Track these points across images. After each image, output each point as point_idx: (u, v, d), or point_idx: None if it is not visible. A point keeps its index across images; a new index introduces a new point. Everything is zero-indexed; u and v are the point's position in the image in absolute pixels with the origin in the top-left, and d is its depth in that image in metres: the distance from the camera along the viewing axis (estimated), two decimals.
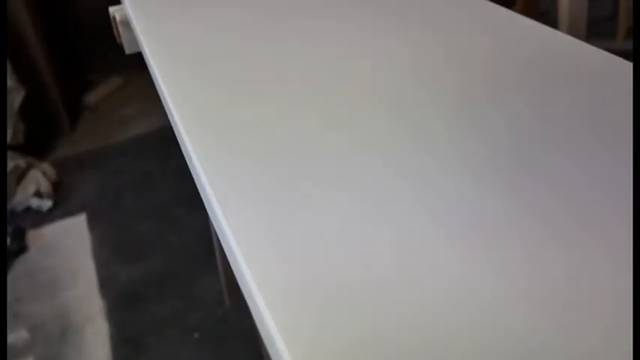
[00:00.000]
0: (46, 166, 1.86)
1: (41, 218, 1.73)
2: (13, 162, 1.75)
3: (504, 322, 0.22)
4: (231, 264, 0.28)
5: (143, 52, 0.55)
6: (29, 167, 1.80)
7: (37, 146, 1.97)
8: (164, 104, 0.45)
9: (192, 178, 0.37)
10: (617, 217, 0.28)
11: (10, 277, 1.53)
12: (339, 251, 0.26)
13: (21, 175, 1.78)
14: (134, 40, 0.66)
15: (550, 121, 0.36)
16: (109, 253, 1.61)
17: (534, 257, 0.26)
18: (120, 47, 0.74)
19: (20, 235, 1.65)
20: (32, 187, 1.75)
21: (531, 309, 0.23)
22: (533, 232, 0.27)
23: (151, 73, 0.52)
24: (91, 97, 2.28)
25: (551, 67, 0.43)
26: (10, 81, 1.80)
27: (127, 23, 0.65)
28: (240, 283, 0.27)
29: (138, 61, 0.80)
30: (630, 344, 0.21)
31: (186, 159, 0.37)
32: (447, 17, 0.54)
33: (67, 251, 1.62)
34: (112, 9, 0.66)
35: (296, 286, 0.24)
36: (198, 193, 0.35)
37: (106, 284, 1.49)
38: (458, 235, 0.27)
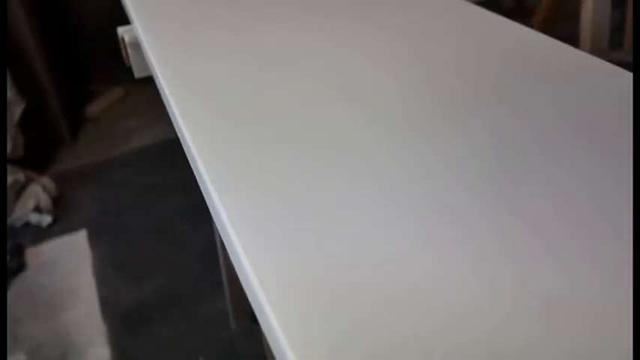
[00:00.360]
0: (45, 180, 1.82)
1: (40, 234, 1.68)
2: (13, 176, 1.70)
3: (490, 318, 0.23)
4: (240, 279, 0.27)
5: (156, 79, 0.51)
6: (28, 181, 1.76)
7: (36, 159, 1.93)
8: (178, 131, 0.41)
9: (195, 193, 0.38)
10: (602, 217, 0.28)
11: (9, 296, 1.48)
12: (343, 253, 0.26)
13: (20, 189, 1.73)
14: (144, 64, 0.62)
15: (529, 120, 0.37)
16: (111, 271, 1.56)
17: (519, 256, 0.26)
18: (121, 58, 0.70)
19: (19, 252, 1.60)
20: (31, 202, 1.71)
21: (515, 307, 0.23)
22: (518, 232, 0.27)
23: (164, 99, 0.48)
24: (93, 109, 2.23)
25: (530, 66, 0.44)
26: (10, 93, 1.76)
27: (136, 45, 0.61)
28: (248, 295, 0.26)
29: None
30: (617, 342, 0.21)
31: (195, 173, 0.37)
32: (429, 18, 0.54)
33: (67, 269, 1.57)
34: (120, 30, 0.62)
35: (301, 288, 0.24)
36: (202, 208, 0.35)
37: (107, 305, 1.45)
38: (442, 234, 0.27)
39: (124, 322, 1.40)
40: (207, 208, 0.32)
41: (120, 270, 1.57)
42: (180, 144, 0.41)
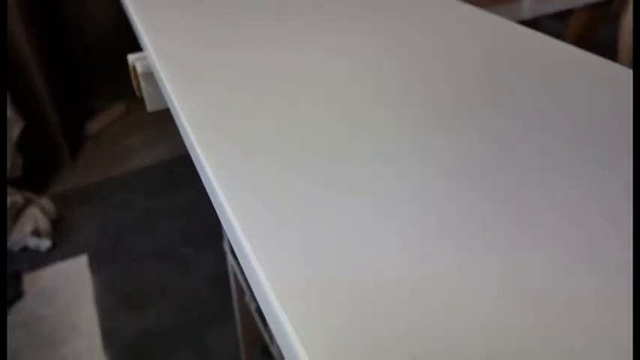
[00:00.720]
0: (44, 201, 1.75)
1: (39, 259, 1.61)
2: (10, 198, 1.63)
3: (489, 316, 0.23)
4: (253, 290, 0.26)
5: (173, 112, 0.44)
6: (27, 203, 1.68)
7: (35, 179, 1.86)
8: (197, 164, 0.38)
9: (200, 215, 0.35)
10: (600, 215, 0.28)
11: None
12: (346, 254, 0.26)
13: (18, 211, 1.66)
14: (159, 96, 0.56)
15: (527, 120, 0.37)
16: (113, 299, 1.48)
17: (516, 255, 0.26)
18: (123, 73, 0.64)
19: (16, 280, 1.53)
20: (30, 226, 1.63)
21: (515, 306, 0.23)
22: (512, 229, 0.27)
23: (182, 132, 0.42)
24: (93, 126, 2.17)
25: (525, 65, 0.44)
26: (9, 111, 1.69)
27: (149, 75, 0.55)
28: (258, 298, 0.26)
29: None
30: (610, 341, 0.21)
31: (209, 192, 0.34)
32: (424, 19, 0.54)
33: (67, 297, 1.49)
34: (131, 58, 0.55)
35: (309, 290, 0.24)
36: (207, 230, 0.33)
37: (109, 336, 1.37)
38: (441, 234, 0.27)
39: (128, 355, 1.33)
40: (213, 230, 0.29)
41: (122, 298, 1.49)
42: (183, 163, 0.37)
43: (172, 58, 0.49)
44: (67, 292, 1.51)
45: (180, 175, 1.93)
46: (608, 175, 0.31)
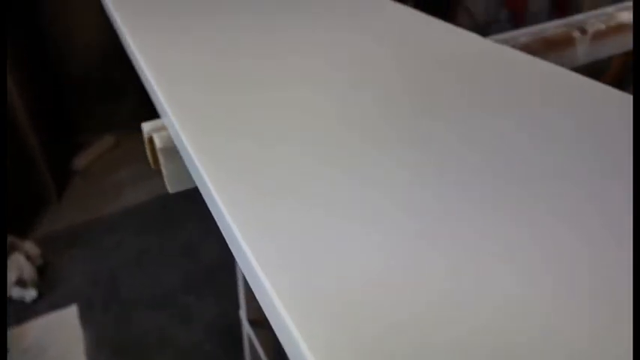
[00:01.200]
0: (29, 245, 1.62)
1: (24, 312, 1.48)
2: None
3: (491, 318, 0.23)
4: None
5: (207, 197, 0.35)
6: (11, 250, 1.56)
7: (19, 220, 1.73)
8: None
9: (199, 256, 0.39)
10: (597, 214, 0.28)
11: None
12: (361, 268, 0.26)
13: None
14: (182, 173, 0.46)
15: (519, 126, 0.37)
16: (106, 355, 1.36)
17: (512, 253, 0.26)
18: (111, 105, 0.53)
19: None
20: (13, 275, 1.51)
21: (509, 303, 0.23)
22: (512, 230, 0.28)
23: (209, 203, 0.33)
24: (81, 160, 2.05)
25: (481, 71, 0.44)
26: None
27: (171, 151, 0.45)
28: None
29: (130, 119, 0.60)
30: (617, 346, 0.21)
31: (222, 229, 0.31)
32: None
33: (55, 354, 1.36)
34: (146, 127, 0.45)
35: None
36: (208, 274, 0.33)
37: None
38: (440, 238, 0.27)
39: None
40: (214, 273, 0.27)
41: (117, 352, 1.37)
42: (178, 198, 0.33)
43: (200, 127, 0.39)
44: (56, 348, 1.38)
45: (176, 211, 1.82)
46: (608, 174, 0.31)
